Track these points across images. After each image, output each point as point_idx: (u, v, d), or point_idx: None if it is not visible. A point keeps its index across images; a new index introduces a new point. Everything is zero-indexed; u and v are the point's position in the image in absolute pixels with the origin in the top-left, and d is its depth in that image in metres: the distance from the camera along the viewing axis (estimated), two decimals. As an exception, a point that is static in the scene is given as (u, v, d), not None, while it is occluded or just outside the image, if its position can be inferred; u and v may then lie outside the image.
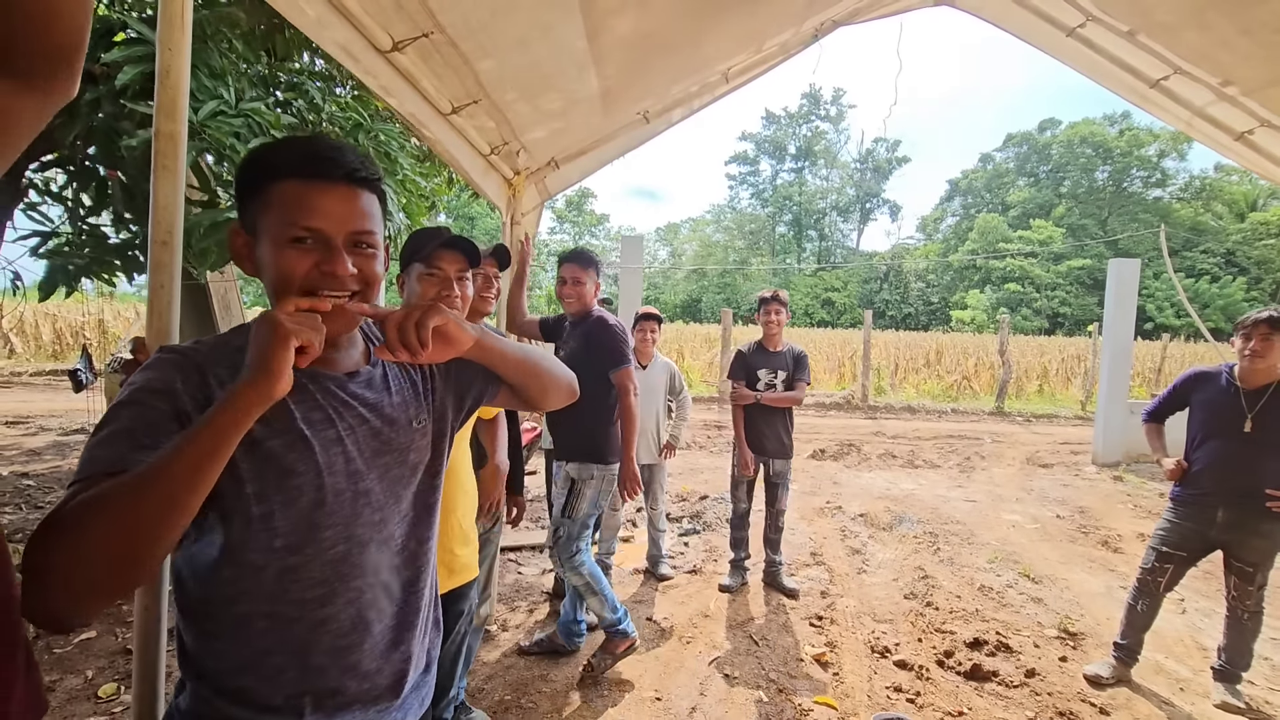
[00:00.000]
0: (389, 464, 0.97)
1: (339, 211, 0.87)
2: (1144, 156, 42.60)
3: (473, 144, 2.64)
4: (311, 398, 0.93)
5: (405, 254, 1.72)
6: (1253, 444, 2.63)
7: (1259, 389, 2.66)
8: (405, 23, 1.69)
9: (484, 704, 2.60)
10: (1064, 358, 17.15)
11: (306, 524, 0.89)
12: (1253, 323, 2.65)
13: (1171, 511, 2.87)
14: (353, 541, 0.93)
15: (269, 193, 0.86)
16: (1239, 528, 2.68)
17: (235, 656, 0.88)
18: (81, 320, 14.09)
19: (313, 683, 0.92)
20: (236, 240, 0.92)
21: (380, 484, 0.96)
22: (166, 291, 1.15)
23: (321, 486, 0.90)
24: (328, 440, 0.91)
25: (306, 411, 0.91)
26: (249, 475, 0.85)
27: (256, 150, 0.90)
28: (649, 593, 3.78)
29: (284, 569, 0.88)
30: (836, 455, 8.00)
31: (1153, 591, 2.88)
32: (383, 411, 0.98)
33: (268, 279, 0.88)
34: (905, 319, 45.26)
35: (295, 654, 0.90)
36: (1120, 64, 3.22)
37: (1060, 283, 40.38)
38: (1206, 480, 2.74)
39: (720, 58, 3.07)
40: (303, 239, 0.86)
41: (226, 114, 2.76)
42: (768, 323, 3.73)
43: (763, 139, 57.76)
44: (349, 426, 0.94)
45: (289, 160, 0.86)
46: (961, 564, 4.37)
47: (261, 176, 0.87)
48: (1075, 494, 6.50)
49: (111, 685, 2.60)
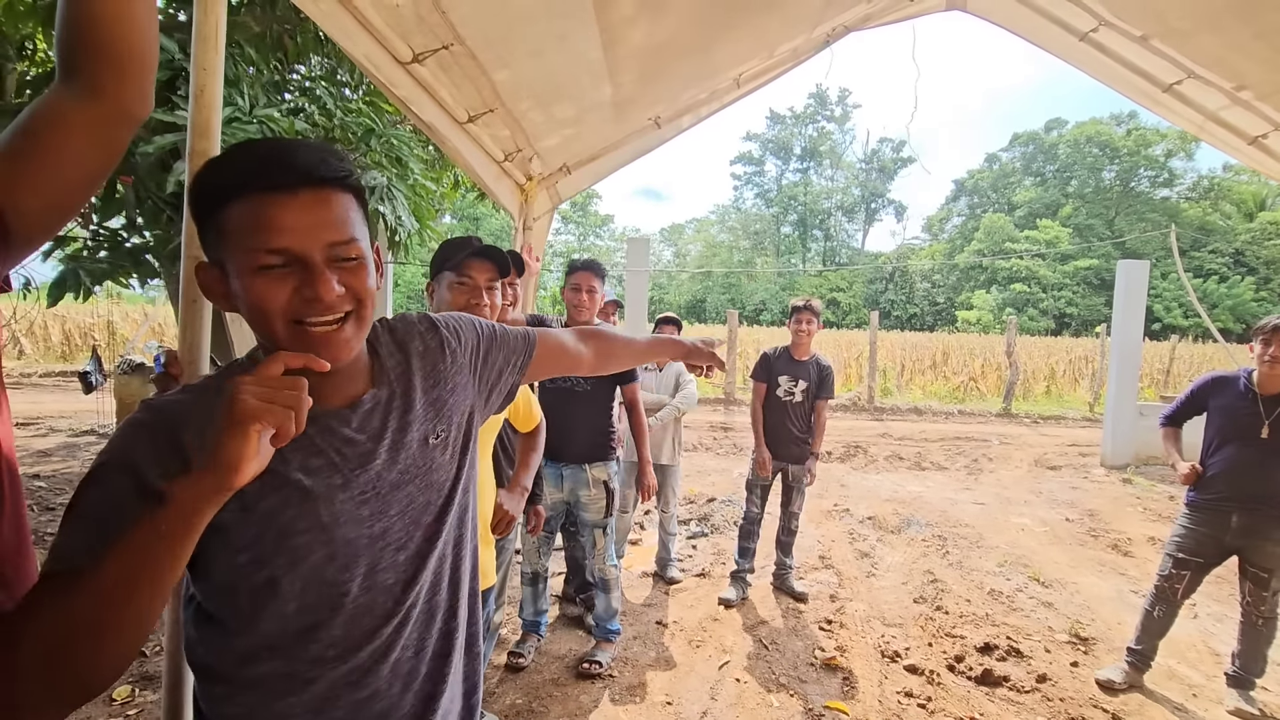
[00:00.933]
0: (411, 494, 0.87)
1: (307, 223, 0.72)
2: (1151, 156, 42.36)
3: (487, 151, 2.66)
4: (309, 443, 0.80)
5: (436, 263, 1.75)
6: (1269, 450, 2.63)
7: (1277, 395, 2.66)
8: (426, 35, 1.71)
9: (496, 708, 2.61)
10: (1071, 359, 17.07)
11: (318, 581, 0.80)
12: (1272, 329, 2.64)
13: (1186, 517, 2.86)
14: (377, 588, 0.84)
15: (223, 217, 0.72)
16: (1254, 534, 2.68)
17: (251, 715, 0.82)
18: (90, 322, 14.19)
19: None
20: (205, 277, 0.78)
21: (402, 519, 0.86)
22: (199, 307, 1.16)
23: (331, 540, 0.80)
24: (332, 489, 0.81)
25: (304, 459, 0.80)
26: (243, 543, 0.76)
27: (201, 170, 0.75)
28: (659, 596, 3.79)
29: (301, 630, 0.80)
30: (843, 457, 7.99)
31: (1170, 598, 2.88)
32: (393, 439, 0.87)
33: (245, 316, 0.76)
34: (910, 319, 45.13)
35: (314, 712, 0.83)
36: (1133, 68, 3.22)
37: (1067, 283, 40.19)
38: (1222, 485, 2.74)
39: (732, 64, 3.08)
40: (271, 265, 0.72)
41: (241, 120, 2.78)
42: (797, 331, 3.71)
43: (768, 139, 57.70)
44: (356, 468, 0.83)
45: (237, 173, 0.72)
46: (971, 567, 4.36)
47: (212, 199, 0.73)
48: (1084, 496, 6.48)
49: (126, 688, 2.62)
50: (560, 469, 2.89)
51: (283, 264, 0.72)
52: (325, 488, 0.80)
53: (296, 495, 0.78)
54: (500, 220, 28.76)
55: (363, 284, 0.77)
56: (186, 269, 1.15)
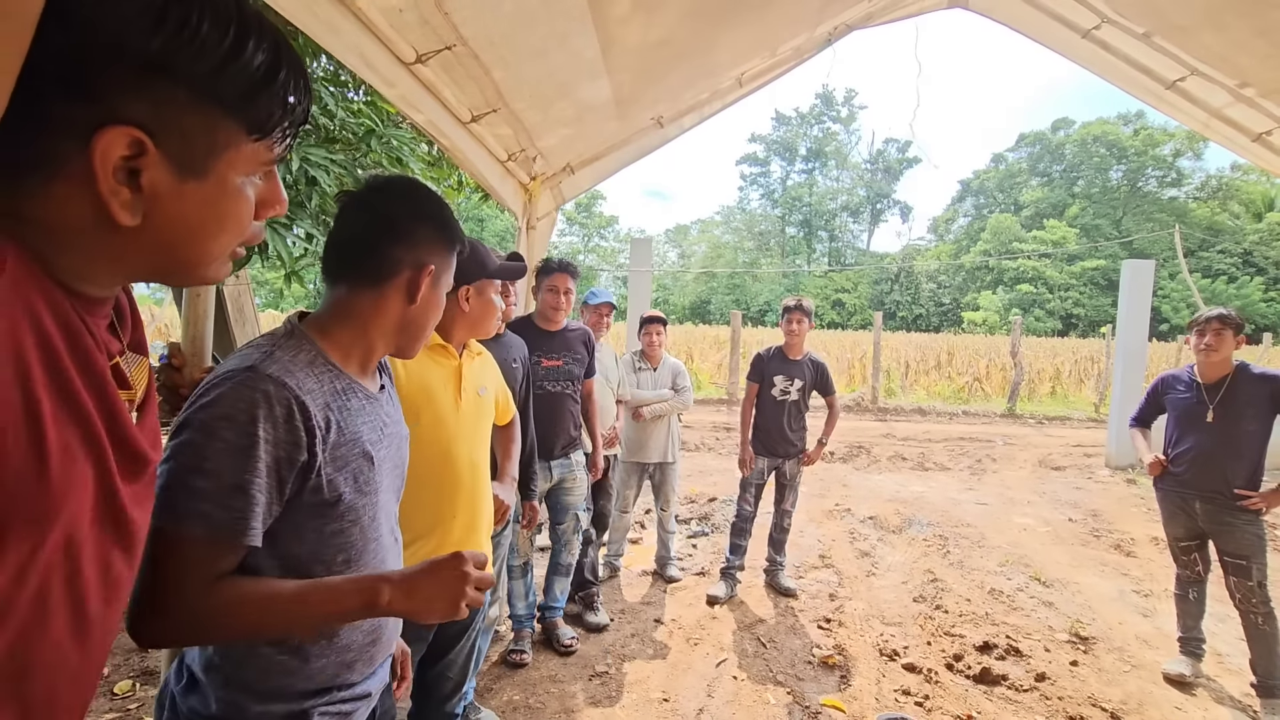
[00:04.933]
0: (399, 476, 1.08)
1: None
2: (1159, 156, 42.15)
3: (490, 151, 2.67)
4: (370, 417, 0.99)
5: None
6: (1216, 434, 2.82)
7: (1216, 382, 2.85)
8: (430, 36, 1.72)
9: (493, 703, 2.63)
10: (1077, 359, 17.01)
11: (364, 539, 0.96)
12: (1205, 320, 2.84)
13: (1161, 506, 3.09)
14: (385, 548, 1.02)
15: (452, 257, 1.08)
16: (1217, 520, 2.84)
17: (277, 658, 0.92)
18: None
19: (344, 676, 0.98)
20: (419, 277, 1.01)
21: (394, 497, 1.07)
22: (204, 301, 1.18)
23: (376, 504, 0.98)
24: (380, 459, 0.99)
25: (369, 431, 0.97)
26: (333, 496, 0.91)
27: (452, 215, 1.08)
28: (657, 594, 3.80)
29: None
30: (846, 457, 7.98)
31: (1196, 579, 3.03)
32: (398, 428, 1.08)
33: (428, 313, 1.04)
34: (916, 320, 45.02)
35: (336, 651, 0.96)
36: (1136, 65, 3.22)
37: (1074, 283, 40.04)
38: (1184, 474, 2.93)
39: (734, 63, 3.09)
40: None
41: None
42: (789, 331, 3.73)
43: (773, 140, 57.64)
44: (388, 443, 1.03)
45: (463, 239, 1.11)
46: (972, 567, 4.35)
47: (453, 242, 1.07)
48: (1088, 497, 6.46)
49: (127, 683, 2.65)
50: (550, 464, 2.92)
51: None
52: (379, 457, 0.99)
53: (367, 462, 0.96)
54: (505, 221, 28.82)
55: None
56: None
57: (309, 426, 0.86)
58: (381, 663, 1.07)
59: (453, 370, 1.73)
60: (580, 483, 3.08)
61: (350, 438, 0.93)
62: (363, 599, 0.86)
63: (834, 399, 3.87)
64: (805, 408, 3.82)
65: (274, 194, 0.63)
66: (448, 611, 0.89)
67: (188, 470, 0.79)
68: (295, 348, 0.92)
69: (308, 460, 0.87)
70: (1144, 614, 3.75)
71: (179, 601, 0.80)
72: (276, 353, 0.89)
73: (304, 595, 0.85)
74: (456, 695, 2.03)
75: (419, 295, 0.99)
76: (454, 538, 1.70)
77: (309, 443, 0.86)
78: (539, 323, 2.92)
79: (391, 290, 0.99)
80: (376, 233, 0.99)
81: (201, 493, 0.79)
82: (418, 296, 0.99)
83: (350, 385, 0.97)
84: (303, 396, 0.86)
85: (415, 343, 1.04)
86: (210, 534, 0.80)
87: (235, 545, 0.82)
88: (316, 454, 0.87)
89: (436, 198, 1.07)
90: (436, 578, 0.89)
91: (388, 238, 0.99)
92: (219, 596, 0.82)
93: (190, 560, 0.80)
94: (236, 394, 0.82)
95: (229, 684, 0.90)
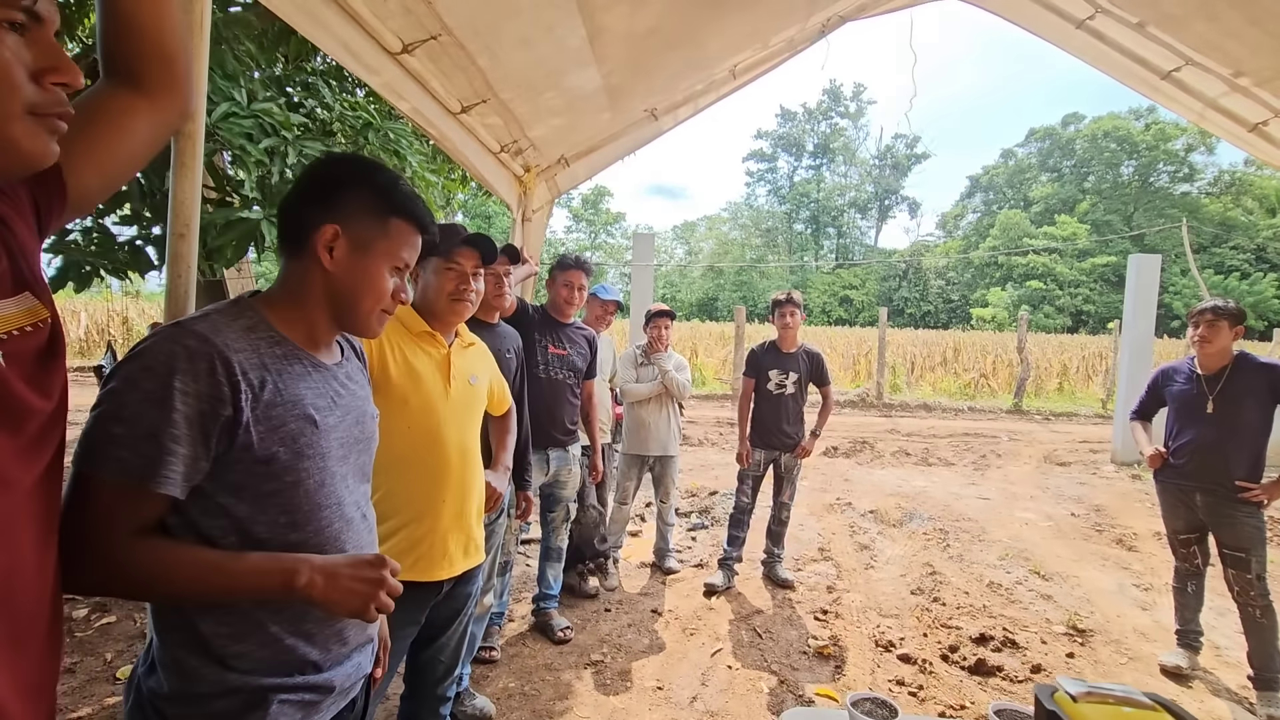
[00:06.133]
0: (360, 451, 1.09)
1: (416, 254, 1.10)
2: (1171, 151, 41.63)
3: (482, 142, 2.69)
4: (316, 384, 1.00)
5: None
6: (1216, 425, 2.81)
7: (1216, 373, 2.85)
8: (414, 26, 1.74)
9: (488, 691, 2.65)
10: (1085, 355, 16.89)
11: (310, 504, 0.96)
12: (1198, 312, 2.86)
13: (1160, 498, 3.08)
14: (343, 520, 1.01)
15: (391, 224, 1.04)
16: (1217, 513, 2.82)
17: (232, 626, 0.93)
18: (107, 318, 14.45)
19: (306, 651, 0.97)
20: (329, 236, 1.00)
21: (354, 471, 1.07)
22: (184, 282, 1.22)
23: (324, 469, 0.97)
24: (328, 426, 0.99)
25: (315, 398, 0.99)
26: (264, 455, 0.91)
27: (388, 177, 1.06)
28: (655, 585, 3.81)
29: (286, 544, 0.94)
30: (849, 452, 7.97)
31: (1195, 571, 3.03)
32: (359, 403, 1.09)
33: (346, 279, 1.02)
34: (924, 317, 44.76)
35: (290, 623, 0.96)
36: (1131, 56, 3.19)
37: (1084, 280, 39.66)
38: (1184, 466, 2.91)
39: (726, 54, 3.09)
40: (398, 268, 1.05)
41: (238, 115, 2.83)
42: (782, 325, 3.75)
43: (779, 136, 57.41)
44: (341, 413, 1.03)
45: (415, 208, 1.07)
46: (971, 561, 4.35)
47: (389, 207, 1.04)
48: (1092, 492, 6.42)
49: (129, 667, 2.69)
50: (547, 453, 2.94)
51: (401, 270, 1.06)
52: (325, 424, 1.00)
53: (309, 426, 0.98)
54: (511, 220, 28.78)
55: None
56: (172, 246, 1.21)
57: (233, 382, 0.88)
58: (353, 651, 1.06)
59: (441, 358, 1.75)
60: (574, 477, 3.13)
61: (288, 399, 0.94)
62: (281, 578, 0.88)
63: (829, 390, 3.88)
64: (802, 400, 3.82)
65: None
66: (357, 609, 0.91)
67: (108, 418, 0.82)
68: (234, 314, 0.95)
69: (232, 415, 0.88)
70: (1143, 607, 3.74)
71: (100, 549, 0.82)
72: (212, 316, 0.93)
73: (223, 564, 0.88)
74: (449, 678, 2.05)
75: (335, 259, 1.00)
76: (444, 523, 1.71)
77: (233, 397, 0.88)
78: (550, 312, 3.01)
79: (311, 256, 1.00)
80: (296, 199, 1.03)
81: (117, 439, 0.81)
82: (331, 260, 1.00)
83: (293, 352, 0.98)
84: (226, 353, 0.88)
85: (352, 314, 1.04)
86: (123, 479, 0.81)
87: (147, 492, 0.83)
88: (243, 409, 0.88)
89: (367, 164, 1.08)
90: (357, 573, 0.91)
91: (303, 202, 1.02)
92: (141, 552, 0.84)
93: (106, 505, 0.82)
94: (159, 347, 0.85)
95: (181, 660, 0.91)
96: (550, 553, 3.20)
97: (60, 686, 2.52)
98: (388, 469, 1.61)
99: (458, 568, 1.76)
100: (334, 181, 1.03)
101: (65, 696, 2.47)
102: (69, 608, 3.04)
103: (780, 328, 3.76)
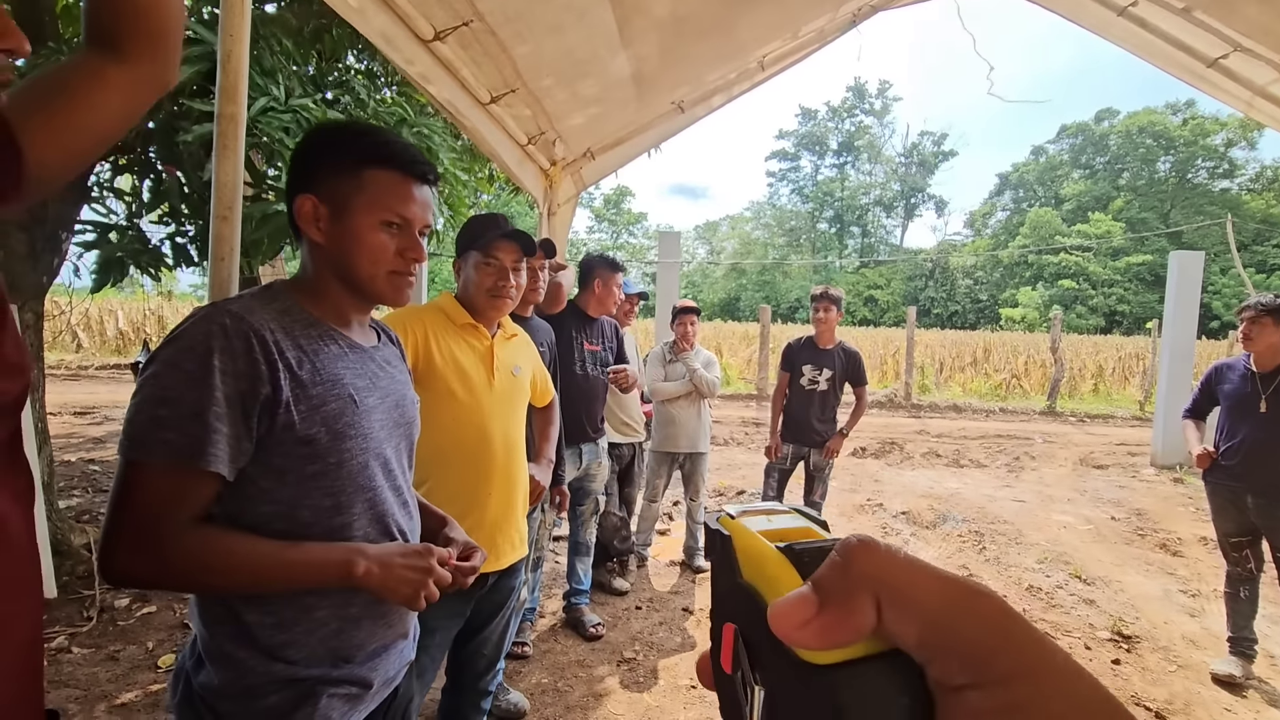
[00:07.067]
0: (401, 435, 1.07)
1: (422, 205, 1.01)
2: (1210, 146, 40.40)
3: (510, 134, 2.69)
4: (354, 365, 0.99)
5: (463, 240, 1.77)
6: (1270, 425, 2.72)
7: (1272, 371, 2.75)
8: (446, 11, 1.73)
9: (521, 686, 2.64)
10: (1121, 356, 16.44)
11: (353, 486, 0.94)
12: (1243, 308, 2.82)
13: (1210, 500, 2.97)
14: (386, 504, 0.99)
15: (366, 175, 0.96)
16: (1270, 515, 2.72)
17: (277, 615, 0.91)
18: (142, 317, 14.83)
19: (351, 636, 0.96)
20: (306, 206, 0.96)
21: (395, 455, 1.04)
22: (227, 265, 1.21)
23: (367, 450, 0.96)
24: (369, 407, 0.98)
25: (354, 378, 0.97)
26: (306, 435, 0.90)
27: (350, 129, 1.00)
28: (685, 584, 3.78)
29: (330, 529, 0.92)
30: (878, 453, 7.84)
31: (1247, 576, 2.92)
32: (399, 387, 1.07)
33: (338, 248, 0.97)
34: (952, 317, 44.04)
35: (337, 607, 0.95)
36: (1175, 43, 3.08)
37: (1118, 279, 38.66)
38: (1235, 467, 2.81)
39: (755, 44, 3.05)
40: (392, 223, 0.97)
41: (276, 110, 2.86)
42: (818, 320, 3.71)
43: (801, 135, 56.94)
44: (381, 395, 1.02)
45: (391, 150, 0.97)
46: (1008, 563, 4.24)
47: (359, 157, 0.96)
48: (1132, 495, 6.23)
49: (170, 656, 2.73)
50: (580, 448, 2.93)
51: (398, 225, 0.98)
52: (365, 405, 0.98)
53: (350, 406, 0.96)
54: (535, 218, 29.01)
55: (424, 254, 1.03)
56: (215, 229, 1.20)
57: (270, 360, 0.86)
58: (396, 639, 1.05)
59: (484, 350, 1.73)
60: (604, 470, 3.14)
61: (328, 378, 0.93)
62: (340, 569, 0.88)
63: (864, 390, 3.82)
64: (836, 398, 3.76)
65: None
66: (408, 597, 0.92)
67: (151, 401, 0.81)
68: (268, 298, 0.95)
69: (271, 394, 0.86)
70: (1191, 614, 3.60)
71: (153, 539, 0.80)
72: (245, 298, 0.92)
73: (281, 554, 0.86)
74: (490, 671, 2.04)
75: (322, 230, 0.96)
76: (490, 516, 1.69)
77: (271, 376, 0.86)
78: (583, 307, 3.02)
79: (306, 233, 0.98)
80: (287, 184, 1.02)
81: (163, 421, 0.80)
82: (320, 233, 0.97)
83: (328, 332, 0.97)
84: (262, 331, 0.87)
85: (358, 282, 0.98)
86: (172, 460, 0.80)
87: (197, 471, 0.81)
88: (281, 388, 0.87)
89: (335, 126, 1.04)
90: (409, 562, 0.92)
91: (290, 184, 1.00)
92: (196, 541, 0.83)
93: (157, 490, 0.81)
94: (196, 328, 0.85)
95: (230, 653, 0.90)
96: (579, 547, 3.19)
97: (103, 674, 2.57)
98: (434, 462, 1.59)
99: (504, 561, 1.74)
100: (305, 153, 0.99)
101: (109, 684, 2.51)
102: (110, 597, 3.10)
103: (816, 323, 3.71)
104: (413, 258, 1.00)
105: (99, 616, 2.95)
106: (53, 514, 3.28)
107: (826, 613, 0.20)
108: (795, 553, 0.23)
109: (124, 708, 2.36)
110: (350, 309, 1.02)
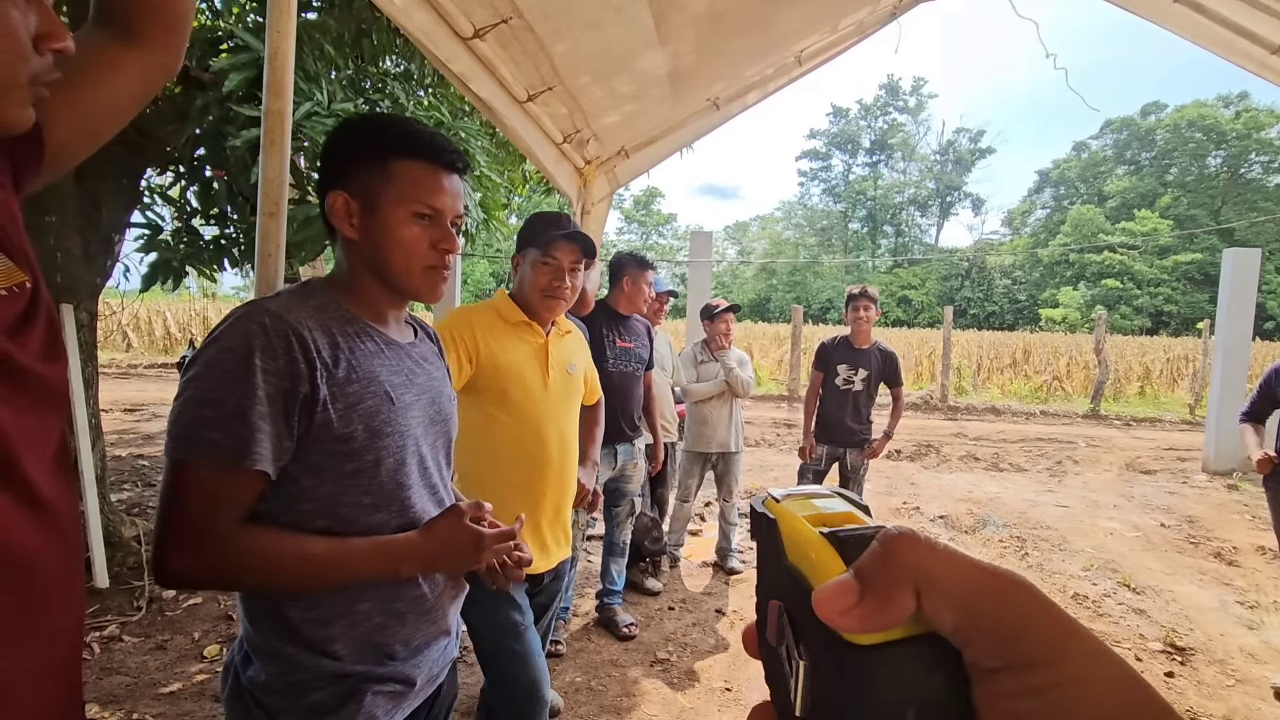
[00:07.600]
0: (438, 433, 1.06)
1: (453, 195, 0.99)
2: (1264, 140, 38.69)
3: (546, 132, 2.70)
4: (390, 362, 0.98)
5: (523, 237, 1.75)
6: None
7: None
8: (485, 9, 1.74)
9: (556, 685, 2.64)
10: (1170, 358, 15.84)
11: (392, 483, 0.94)
12: None
13: (1271, 507, 2.85)
14: (424, 501, 1.00)
15: (394, 167, 0.95)
16: None
17: (321, 610, 0.91)
18: (189, 318, 15.33)
19: (395, 631, 0.96)
20: (339, 202, 0.96)
21: (432, 452, 1.05)
22: (274, 261, 1.22)
23: (404, 447, 0.95)
24: (405, 404, 0.97)
25: (390, 375, 0.97)
26: (343, 433, 0.90)
27: (376, 121, 1.00)
28: (719, 585, 3.74)
29: (369, 526, 0.92)
30: (913, 456, 7.69)
31: None
32: (435, 384, 1.07)
33: (371, 242, 0.96)
34: (989, 318, 43.00)
35: (381, 601, 0.95)
36: (1237, 29, 2.93)
37: (1165, 278, 37.29)
38: None
39: (793, 39, 3.01)
40: (423, 215, 0.97)
41: (320, 114, 2.92)
42: (855, 319, 3.66)
43: (833, 134, 56.24)
44: (418, 392, 1.01)
45: (418, 139, 0.96)
46: (1053, 570, 4.11)
47: (385, 149, 0.95)
48: (1183, 502, 5.99)
49: (215, 646, 2.80)
50: (615, 448, 2.91)
51: (429, 217, 0.97)
52: (402, 403, 0.98)
53: (387, 403, 0.96)
54: (565, 220, 29.11)
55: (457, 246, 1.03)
56: (262, 225, 1.22)
57: (309, 359, 0.87)
58: (439, 635, 1.05)
59: (539, 347, 1.71)
60: (640, 470, 3.11)
61: (364, 376, 0.93)
62: (385, 565, 0.91)
63: (900, 391, 3.75)
64: (871, 398, 3.69)
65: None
66: (471, 556, 0.96)
67: (195, 401, 0.82)
68: (305, 295, 0.95)
69: (310, 392, 0.87)
70: (1249, 626, 3.44)
71: (203, 538, 0.81)
72: (283, 296, 0.93)
73: (331, 554, 0.88)
74: (534, 670, 2.05)
75: (356, 226, 0.96)
76: (544, 515, 1.68)
77: (309, 374, 0.87)
78: (614, 305, 3.01)
79: (339, 230, 0.98)
80: (319, 182, 1.01)
81: (206, 420, 0.81)
82: (353, 229, 0.96)
83: (365, 329, 0.97)
84: (301, 330, 0.87)
85: (393, 278, 0.98)
86: (217, 460, 0.81)
87: (243, 470, 0.82)
88: (319, 387, 0.87)
89: (361, 120, 1.02)
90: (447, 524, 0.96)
91: (322, 178, 1.00)
92: (246, 540, 0.84)
93: (205, 490, 0.81)
94: (236, 327, 0.85)
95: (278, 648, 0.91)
96: (614, 548, 3.18)
97: (152, 662, 2.64)
98: (488, 461, 1.59)
99: (554, 560, 1.74)
100: (334, 149, 0.99)
101: (157, 671, 2.58)
102: (159, 588, 3.20)
103: (853, 321, 3.65)
104: (445, 249, 0.99)
105: (148, 607, 3.05)
106: (105, 507, 3.39)
107: (868, 601, 0.21)
108: (839, 539, 0.24)
109: (172, 696, 2.43)
110: (386, 305, 1.02)
